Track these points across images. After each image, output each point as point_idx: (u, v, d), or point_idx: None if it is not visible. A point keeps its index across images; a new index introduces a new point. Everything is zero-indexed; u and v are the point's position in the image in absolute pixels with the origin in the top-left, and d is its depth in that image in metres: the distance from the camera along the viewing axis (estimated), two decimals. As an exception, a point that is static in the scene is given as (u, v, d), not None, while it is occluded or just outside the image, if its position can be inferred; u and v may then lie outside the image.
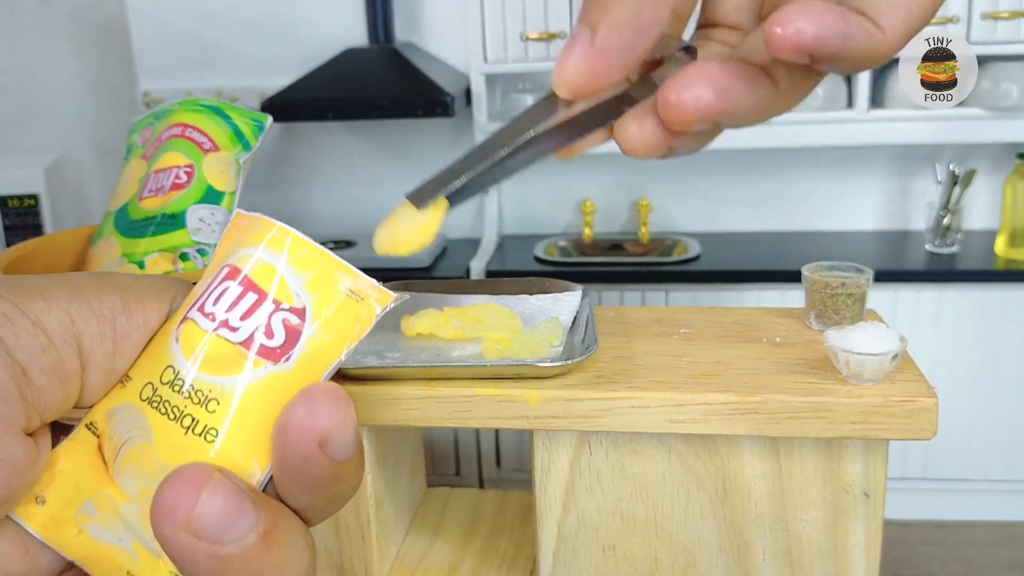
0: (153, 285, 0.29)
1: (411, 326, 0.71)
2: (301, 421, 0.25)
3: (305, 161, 2.11)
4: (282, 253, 0.27)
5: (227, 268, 0.28)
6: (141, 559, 0.27)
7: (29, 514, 0.27)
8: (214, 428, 0.26)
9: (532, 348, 0.66)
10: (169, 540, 0.24)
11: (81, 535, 0.27)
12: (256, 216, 0.28)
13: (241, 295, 0.27)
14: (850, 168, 1.97)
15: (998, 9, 1.67)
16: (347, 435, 0.25)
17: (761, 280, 1.75)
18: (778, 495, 0.63)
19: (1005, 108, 1.70)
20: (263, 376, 0.26)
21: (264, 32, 1.98)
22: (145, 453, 0.27)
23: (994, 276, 1.71)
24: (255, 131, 0.80)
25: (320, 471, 0.25)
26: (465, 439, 1.89)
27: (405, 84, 1.78)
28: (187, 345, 0.27)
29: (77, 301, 0.27)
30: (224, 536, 0.24)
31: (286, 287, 0.27)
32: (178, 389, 0.27)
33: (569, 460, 0.65)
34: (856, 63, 0.28)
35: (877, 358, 0.59)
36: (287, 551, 0.25)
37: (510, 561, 0.81)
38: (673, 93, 0.28)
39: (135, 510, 0.27)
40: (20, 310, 0.26)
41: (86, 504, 0.27)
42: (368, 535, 0.74)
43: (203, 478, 0.24)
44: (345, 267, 0.27)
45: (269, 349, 0.26)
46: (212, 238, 0.76)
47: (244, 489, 0.25)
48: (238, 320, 0.27)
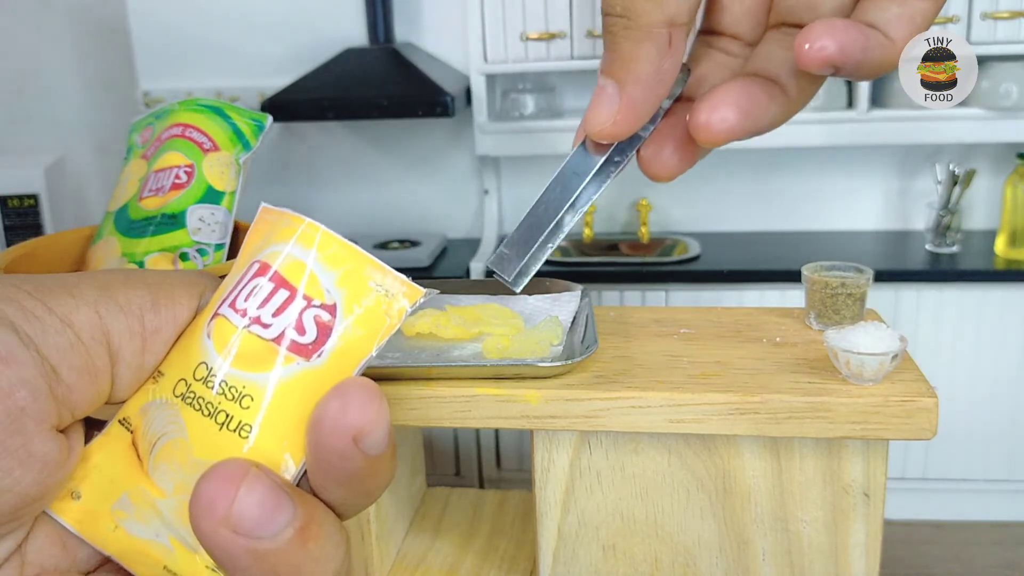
0: (182, 280, 0.29)
1: (411, 325, 0.71)
2: (335, 416, 0.25)
3: (305, 161, 2.11)
4: (312, 249, 0.27)
5: (257, 264, 0.28)
6: (177, 554, 0.27)
7: (64, 509, 0.28)
8: (248, 424, 0.26)
9: (532, 347, 0.65)
10: (208, 536, 0.24)
11: (117, 530, 0.27)
12: (284, 211, 0.28)
13: (272, 292, 0.27)
14: (850, 168, 1.97)
15: (998, 9, 1.67)
16: (381, 430, 0.25)
17: (761, 280, 1.75)
18: (778, 495, 0.63)
19: (1005, 108, 1.70)
20: (295, 372, 0.27)
21: (264, 32, 1.98)
22: (180, 448, 0.27)
23: (994, 276, 1.71)
24: (255, 131, 0.80)
25: (354, 466, 0.25)
26: (465, 439, 1.89)
27: (405, 84, 1.78)
28: (219, 341, 0.27)
29: (105, 298, 0.27)
30: (262, 531, 0.24)
31: (316, 283, 0.27)
32: (211, 385, 0.27)
33: (569, 460, 0.65)
34: (872, 71, 0.31)
35: (877, 358, 0.59)
36: (323, 545, 0.25)
37: (510, 561, 0.81)
38: (703, 115, 0.30)
39: (171, 505, 0.27)
40: (48, 308, 0.26)
41: (121, 499, 0.28)
42: (368, 535, 0.74)
43: (241, 474, 0.24)
44: (375, 263, 0.28)
45: (301, 345, 0.27)
46: (212, 238, 0.76)
47: (281, 484, 0.25)
48: (270, 317, 0.27)
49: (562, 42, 1.81)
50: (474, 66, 1.85)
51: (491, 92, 1.91)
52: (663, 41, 0.31)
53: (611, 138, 0.34)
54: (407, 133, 2.05)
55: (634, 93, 0.32)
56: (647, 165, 0.35)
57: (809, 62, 0.29)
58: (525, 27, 1.82)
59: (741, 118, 0.30)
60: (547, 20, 1.81)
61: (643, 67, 0.32)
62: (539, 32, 1.81)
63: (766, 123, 0.32)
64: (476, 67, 1.85)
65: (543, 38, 1.81)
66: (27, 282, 0.26)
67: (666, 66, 0.32)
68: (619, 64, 0.32)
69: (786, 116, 0.33)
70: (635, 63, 0.32)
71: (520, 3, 1.80)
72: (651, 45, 0.31)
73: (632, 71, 0.32)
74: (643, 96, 0.32)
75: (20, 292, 0.26)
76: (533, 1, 1.80)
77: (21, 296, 0.26)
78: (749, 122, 0.31)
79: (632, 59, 0.32)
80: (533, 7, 1.80)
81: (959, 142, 1.82)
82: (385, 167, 2.08)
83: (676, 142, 0.34)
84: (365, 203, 2.10)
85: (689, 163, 0.35)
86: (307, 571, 0.25)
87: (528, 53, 1.83)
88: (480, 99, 1.87)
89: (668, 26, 0.31)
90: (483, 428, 1.76)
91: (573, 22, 1.80)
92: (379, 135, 2.07)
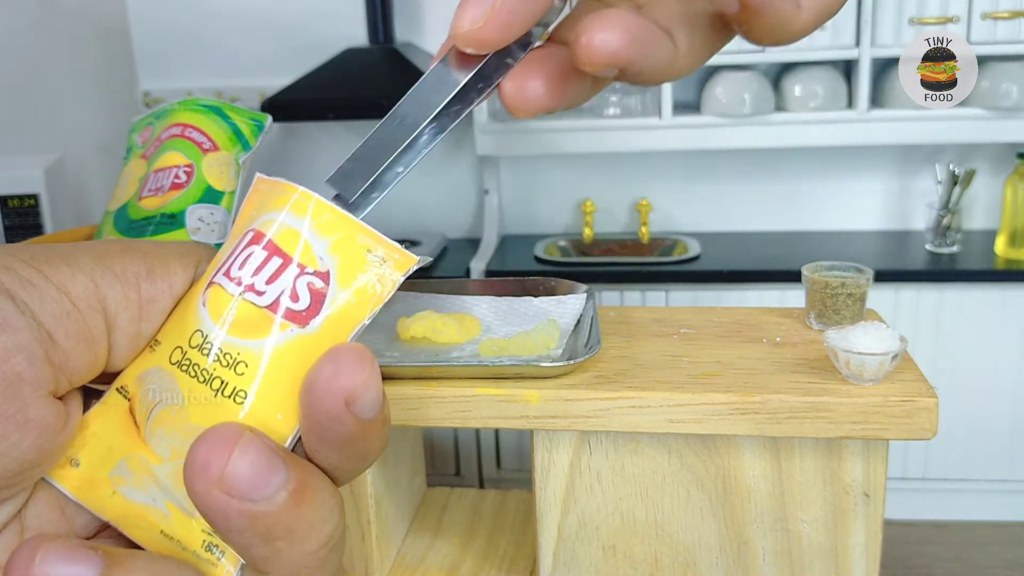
0: (178, 250, 0.29)
1: (406, 328, 0.70)
2: (327, 380, 0.25)
3: (305, 161, 2.11)
4: (305, 217, 0.28)
5: (251, 233, 0.28)
6: (174, 518, 0.27)
7: (63, 476, 0.28)
8: (243, 390, 0.27)
9: (529, 349, 0.65)
10: (202, 497, 0.24)
11: (115, 496, 0.28)
12: (277, 180, 0.29)
13: (266, 260, 0.27)
14: (850, 168, 1.97)
15: (998, 9, 1.67)
16: (372, 393, 0.25)
17: (761, 280, 1.75)
18: (778, 495, 0.63)
19: (1005, 108, 1.70)
20: (289, 339, 0.27)
21: (264, 32, 1.98)
22: (176, 415, 0.27)
23: (994, 276, 1.71)
24: (255, 131, 0.80)
25: (347, 429, 0.26)
26: (465, 439, 1.89)
27: (405, 84, 1.76)
28: (214, 309, 0.27)
29: (101, 267, 0.27)
30: (256, 493, 0.24)
31: (310, 251, 0.27)
32: (207, 352, 0.27)
33: (569, 460, 0.65)
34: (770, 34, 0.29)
35: (877, 358, 0.59)
36: (317, 508, 0.26)
37: (510, 561, 0.80)
38: (585, 36, 0.28)
39: (167, 470, 0.27)
40: (44, 276, 0.26)
41: (119, 466, 0.28)
42: (368, 535, 0.74)
43: (235, 437, 0.24)
44: (367, 230, 0.28)
45: (295, 312, 0.27)
46: (211, 237, 0.76)
47: (275, 448, 0.25)
48: (264, 284, 0.27)
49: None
50: (474, 66, 1.85)
51: (491, 92, 1.91)
52: None
53: (476, 45, 0.31)
54: (407, 133, 2.05)
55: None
56: (510, 97, 0.32)
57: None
58: (525, 27, 1.81)
59: (628, 42, 0.28)
60: (547, 20, 1.81)
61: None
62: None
63: (651, 63, 0.30)
64: (476, 67, 1.85)
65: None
66: (23, 251, 0.27)
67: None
68: None
69: (673, 68, 0.31)
70: None
71: (520, 3, 1.80)
72: None
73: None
74: (517, 5, 0.30)
75: (16, 260, 0.26)
76: (533, 1, 1.80)
77: (17, 264, 0.26)
78: (635, 49, 0.28)
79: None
80: (533, 7, 1.80)
81: (959, 142, 1.82)
82: (385, 167, 2.08)
83: (544, 76, 0.32)
84: (365, 203, 2.09)
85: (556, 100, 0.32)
86: (301, 534, 0.25)
87: (528, 53, 1.82)
88: (480, 99, 1.86)
89: None
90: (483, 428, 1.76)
91: (573, 22, 1.80)
92: (379, 135, 2.07)
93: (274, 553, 0.25)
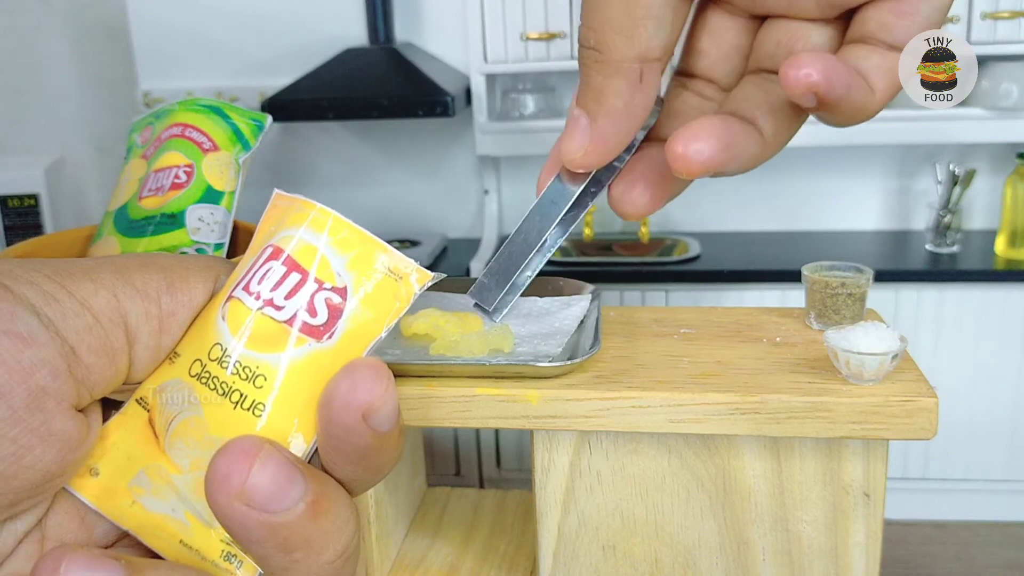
0: (197, 264, 0.30)
1: (408, 325, 0.70)
2: (345, 394, 0.26)
3: (305, 161, 2.11)
4: (323, 234, 0.28)
5: (270, 248, 0.29)
6: (193, 528, 0.28)
7: (83, 486, 0.28)
8: (261, 403, 0.27)
9: (478, 349, 0.65)
10: (223, 509, 0.25)
11: (134, 505, 0.28)
12: (296, 197, 0.29)
13: (284, 275, 0.28)
14: (850, 168, 1.97)
15: (998, 9, 1.67)
16: (389, 407, 0.26)
17: (761, 280, 1.75)
18: (778, 495, 0.63)
19: (1005, 108, 1.70)
20: (307, 353, 0.27)
21: (264, 32, 1.98)
22: (195, 426, 0.28)
23: (994, 276, 1.71)
24: (255, 131, 0.80)
25: (363, 442, 0.26)
26: (465, 439, 1.89)
27: (405, 84, 1.78)
28: (233, 323, 0.28)
29: (122, 282, 0.28)
30: (275, 505, 0.25)
31: (327, 267, 0.28)
32: (225, 365, 0.28)
33: (569, 460, 0.65)
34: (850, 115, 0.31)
35: (877, 358, 0.59)
36: (333, 519, 0.26)
37: (510, 561, 0.81)
38: (679, 146, 0.30)
39: (187, 481, 0.28)
40: (68, 291, 0.27)
41: (139, 476, 0.28)
42: (368, 535, 0.74)
43: (255, 450, 0.25)
44: (384, 247, 0.29)
45: (312, 327, 0.27)
46: (211, 238, 0.76)
47: (293, 460, 0.26)
48: (282, 299, 0.28)
49: (562, 42, 1.81)
50: (474, 66, 1.85)
51: (491, 92, 1.91)
52: (634, 76, 0.32)
53: (583, 168, 0.34)
54: (407, 133, 2.05)
55: (605, 126, 0.33)
56: (616, 203, 0.35)
57: (793, 87, 0.29)
58: (525, 27, 1.82)
59: (720, 150, 0.30)
60: (547, 20, 1.81)
61: (613, 101, 0.32)
62: (539, 32, 1.81)
63: (742, 160, 0.32)
64: (476, 67, 1.85)
65: (543, 38, 1.81)
66: (46, 266, 0.27)
67: (636, 101, 0.32)
68: (590, 96, 0.33)
69: (761, 157, 0.33)
70: (605, 97, 0.32)
71: (520, 3, 1.80)
72: (621, 79, 0.32)
73: (602, 104, 0.33)
74: (613, 129, 0.33)
75: (40, 276, 0.26)
76: (533, 1, 1.80)
77: (41, 279, 0.26)
78: (727, 155, 0.30)
79: (602, 92, 0.32)
80: (533, 7, 1.80)
81: (959, 142, 1.82)
82: (385, 167, 2.08)
83: (647, 181, 0.35)
84: (365, 203, 2.10)
85: (659, 202, 0.35)
86: (318, 544, 0.26)
87: (528, 53, 1.83)
88: (480, 99, 1.87)
89: (639, 61, 0.32)
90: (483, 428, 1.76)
91: (573, 22, 1.80)
92: (379, 135, 2.07)
93: (292, 564, 0.26)
